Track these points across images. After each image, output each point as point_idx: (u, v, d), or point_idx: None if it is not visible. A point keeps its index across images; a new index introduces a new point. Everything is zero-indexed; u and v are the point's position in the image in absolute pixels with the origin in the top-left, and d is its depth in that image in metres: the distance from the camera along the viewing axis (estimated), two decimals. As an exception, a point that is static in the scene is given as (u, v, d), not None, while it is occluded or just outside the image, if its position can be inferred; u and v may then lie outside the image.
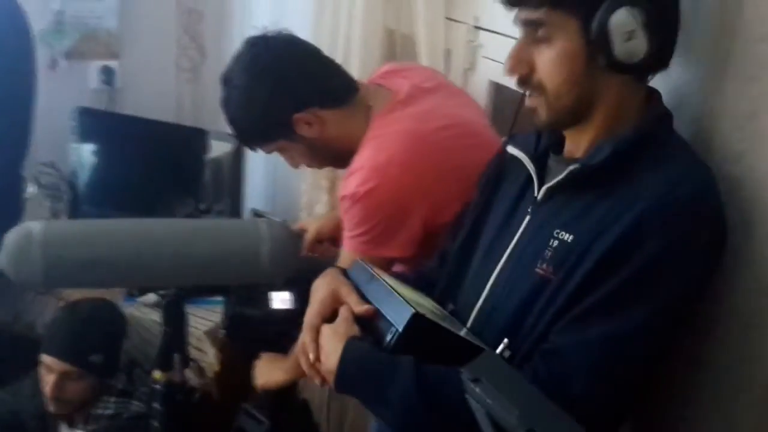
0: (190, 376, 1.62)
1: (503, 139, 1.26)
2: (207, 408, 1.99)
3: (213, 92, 1.64)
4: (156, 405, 1.22)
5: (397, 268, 1.58)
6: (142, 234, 1.06)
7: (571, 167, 1.04)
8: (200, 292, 1.99)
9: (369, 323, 1.12)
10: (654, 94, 1.08)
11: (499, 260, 1.13)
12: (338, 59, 2.05)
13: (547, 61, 1.02)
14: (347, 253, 1.52)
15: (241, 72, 1.56)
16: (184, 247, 1.06)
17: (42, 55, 2.59)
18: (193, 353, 1.84)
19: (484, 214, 1.23)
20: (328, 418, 2.16)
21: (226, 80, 1.58)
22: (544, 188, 1.09)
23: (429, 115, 1.53)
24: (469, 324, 1.15)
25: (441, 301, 1.23)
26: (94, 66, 3.01)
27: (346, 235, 1.52)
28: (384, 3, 2.10)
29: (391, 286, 1.13)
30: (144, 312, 2.25)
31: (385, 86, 1.62)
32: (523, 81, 1.06)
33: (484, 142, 1.52)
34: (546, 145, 1.15)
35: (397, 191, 1.44)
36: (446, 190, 1.42)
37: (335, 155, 1.61)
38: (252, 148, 1.72)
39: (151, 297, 2.28)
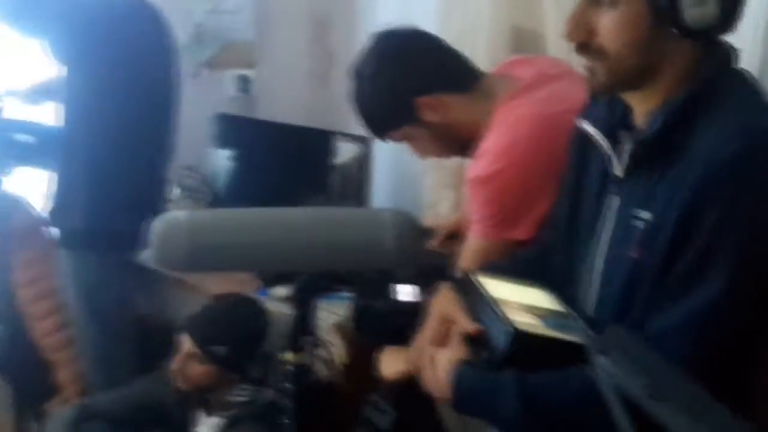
0: (319, 360, 1.67)
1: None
2: (334, 399, 2.04)
3: (342, 97, 1.70)
4: (287, 385, 1.26)
5: None
6: (277, 221, 1.10)
7: (632, 143, 1.02)
8: (331, 281, 2.05)
9: (479, 339, 1.13)
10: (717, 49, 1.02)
11: (595, 246, 1.11)
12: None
13: (610, 25, 0.99)
14: (475, 238, 1.53)
15: (367, 62, 1.61)
16: (316, 233, 1.10)
17: (184, 66, 2.74)
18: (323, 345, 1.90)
19: (578, 194, 1.21)
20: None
21: (355, 72, 1.63)
22: (619, 167, 1.07)
23: (553, 100, 1.52)
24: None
25: (560, 285, 1.21)
26: (232, 75, 3.17)
27: (474, 219, 1.53)
28: (510, 0, 2.11)
29: (493, 298, 1.14)
30: (276, 305, 2.33)
31: (509, 75, 1.63)
32: (583, 46, 1.02)
33: None
34: (620, 116, 1.11)
35: (523, 173, 1.45)
36: None
37: (459, 142, 1.62)
38: (380, 137, 1.75)
39: (282, 291, 2.37)
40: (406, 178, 2.85)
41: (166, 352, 2.17)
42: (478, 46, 2.16)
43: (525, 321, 1.08)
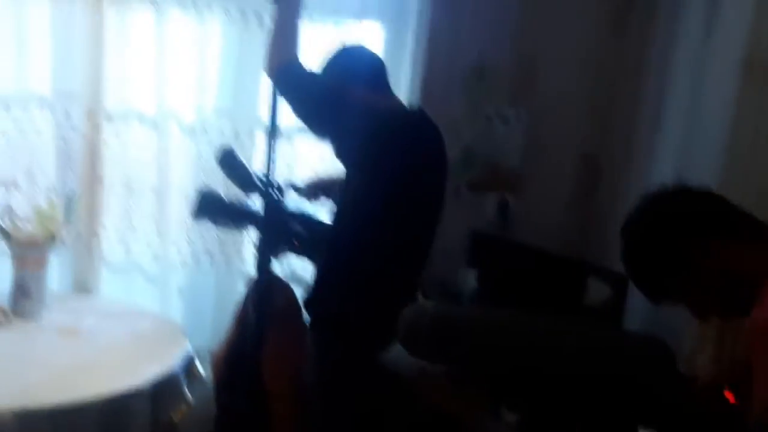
0: None
1: None
2: None
3: (602, 232, 1.64)
4: None
5: None
6: (512, 327, 1.09)
7: None
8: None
9: None
10: None
11: None
12: None
13: None
14: None
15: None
16: (557, 349, 1.08)
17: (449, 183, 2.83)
18: None
19: None
20: None
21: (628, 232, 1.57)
22: None
23: None
24: None
25: None
26: (492, 198, 3.22)
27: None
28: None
29: None
30: None
31: None
32: None
33: None
34: None
35: None
36: None
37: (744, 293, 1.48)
38: (655, 300, 1.65)
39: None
40: (660, 327, 2.69)
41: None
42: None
43: None
